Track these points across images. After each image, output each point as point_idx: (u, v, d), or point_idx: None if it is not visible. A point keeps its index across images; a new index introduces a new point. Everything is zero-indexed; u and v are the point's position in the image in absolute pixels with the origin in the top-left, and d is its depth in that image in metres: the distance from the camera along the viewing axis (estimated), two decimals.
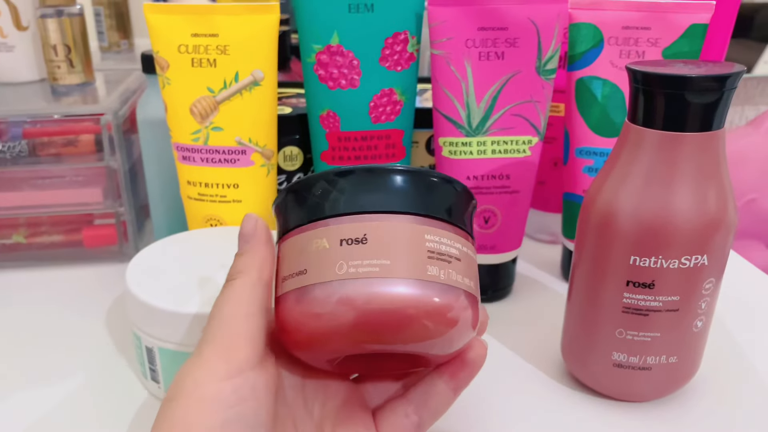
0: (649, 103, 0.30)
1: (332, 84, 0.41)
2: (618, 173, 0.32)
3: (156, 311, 0.32)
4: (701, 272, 0.31)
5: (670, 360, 0.33)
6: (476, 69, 0.40)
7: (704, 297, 0.32)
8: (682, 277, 0.31)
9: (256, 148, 0.41)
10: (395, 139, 0.44)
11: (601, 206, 0.32)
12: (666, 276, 0.31)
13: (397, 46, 0.41)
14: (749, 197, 0.82)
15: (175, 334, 0.32)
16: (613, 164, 0.32)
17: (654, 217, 0.31)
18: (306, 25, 0.40)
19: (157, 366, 0.33)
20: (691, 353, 0.34)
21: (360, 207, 0.24)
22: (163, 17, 0.40)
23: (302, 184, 0.26)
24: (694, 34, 0.41)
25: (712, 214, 0.30)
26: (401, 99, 0.43)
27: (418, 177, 0.25)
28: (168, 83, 0.41)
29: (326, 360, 0.26)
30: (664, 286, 0.32)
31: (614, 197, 0.32)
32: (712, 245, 0.31)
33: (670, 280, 0.31)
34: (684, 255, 0.31)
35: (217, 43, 0.39)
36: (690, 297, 0.32)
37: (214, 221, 0.42)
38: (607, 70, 0.42)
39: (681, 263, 0.31)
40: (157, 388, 0.34)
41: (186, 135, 0.41)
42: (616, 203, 0.31)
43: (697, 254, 0.31)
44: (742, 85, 0.99)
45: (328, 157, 0.43)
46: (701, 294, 0.32)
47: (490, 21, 0.40)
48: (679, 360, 0.34)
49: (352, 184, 0.25)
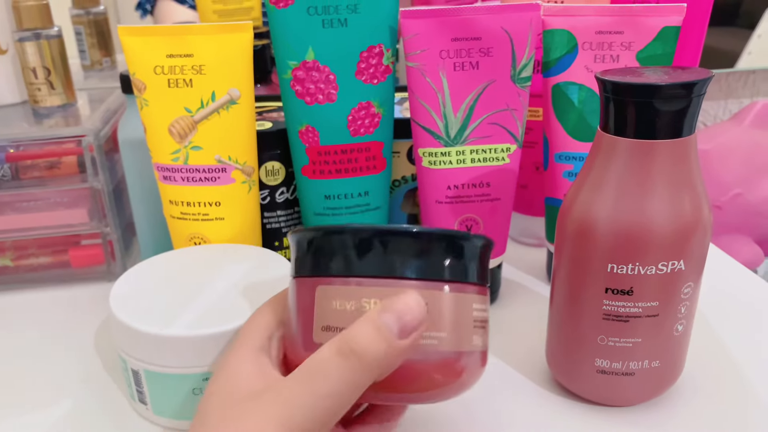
0: (619, 112, 0.31)
1: (309, 99, 0.42)
2: (592, 181, 0.32)
3: (140, 335, 0.32)
4: (679, 277, 0.32)
5: (653, 365, 0.34)
6: (451, 79, 0.41)
7: (683, 301, 0.32)
8: (660, 283, 0.32)
9: (236, 165, 0.41)
10: (375, 151, 0.44)
11: (577, 215, 0.32)
12: (644, 282, 0.32)
13: (373, 60, 0.41)
14: (734, 192, 0.82)
15: (161, 357, 0.32)
16: (587, 172, 0.33)
17: (629, 225, 0.31)
18: (281, 41, 0.41)
19: (144, 388, 0.33)
20: (674, 357, 0.34)
21: (418, 272, 0.24)
22: (137, 39, 0.40)
23: (350, 232, 0.25)
24: (666, 37, 0.41)
25: (686, 219, 0.31)
26: (379, 111, 0.43)
27: (464, 241, 0.26)
28: (146, 104, 0.41)
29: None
30: (643, 292, 0.32)
31: (589, 206, 0.32)
32: (689, 250, 0.31)
33: (648, 287, 0.32)
34: (661, 261, 0.31)
35: (192, 63, 0.39)
36: (669, 302, 0.32)
37: (198, 239, 0.43)
38: (583, 75, 0.43)
39: (658, 269, 0.31)
40: (145, 410, 0.34)
41: (166, 155, 0.41)
42: (591, 212, 0.32)
43: (673, 260, 0.31)
44: (725, 78, 0.99)
45: (309, 171, 0.43)
46: (680, 298, 0.32)
47: (463, 32, 0.40)
48: (661, 364, 0.34)
49: (405, 245, 0.24)
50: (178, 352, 0.32)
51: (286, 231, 0.48)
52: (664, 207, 0.30)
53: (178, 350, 0.32)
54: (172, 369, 0.32)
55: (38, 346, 0.43)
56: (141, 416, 0.35)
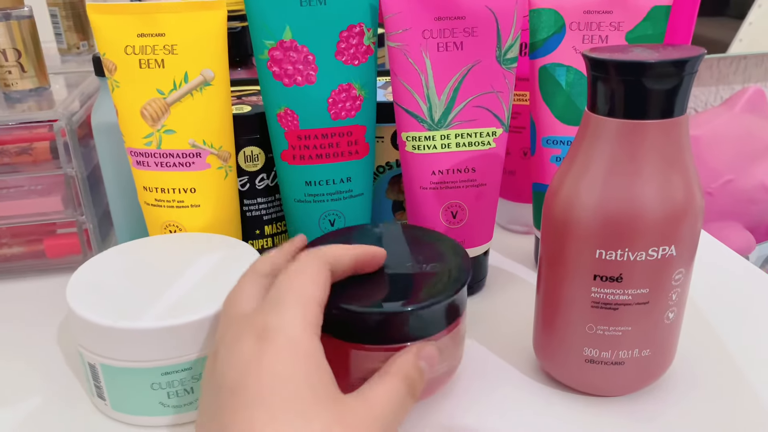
0: (607, 92, 0.29)
1: (288, 81, 0.40)
2: (579, 165, 0.31)
3: (94, 327, 0.31)
4: (670, 263, 0.31)
5: (643, 353, 0.33)
6: (435, 60, 0.39)
7: (674, 288, 0.31)
8: (651, 270, 0.30)
9: (212, 150, 0.40)
10: (357, 136, 0.42)
11: (564, 199, 0.31)
12: (634, 269, 0.30)
13: (353, 40, 0.40)
14: (726, 178, 0.81)
15: (116, 350, 0.31)
16: (574, 155, 0.31)
17: (618, 209, 0.30)
18: (257, 20, 0.39)
19: (101, 382, 0.32)
20: (664, 346, 0.33)
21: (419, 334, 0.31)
22: (107, 17, 0.38)
23: (375, 318, 0.31)
24: (656, 17, 0.40)
25: (678, 203, 0.30)
26: (361, 94, 0.41)
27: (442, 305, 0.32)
28: (117, 86, 0.39)
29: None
30: (633, 279, 0.31)
31: (576, 190, 0.31)
32: (680, 235, 0.30)
33: (638, 273, 0.30)
34: (651, 246, 0.30)
35: (164, 43, 0.38)
36: (660, 289, 0.31)
37: (173, 227, 0.41)
38: (571, 57, 0.41)
39: (648, 255, 0.30)
40: (104, 405, 0.33)
41: (138, 139, 0.40)
42: (578, 196, 0.30)
43: (664, 245, 0.30)
44: (716, 64, 0.98)
45: (289, 156, 0.42)
46: (671, 285, 0.31)
47: (446, 10, 0.38)
48: (652, 353, 0.33)
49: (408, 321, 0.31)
50: (134, 346, 0.31)
51: (267, 219, 0.47)
52: (654, 190, 0.29)
53: (133, 343, 0.30)
54: (129, 363, 0.31)
55: (8, 337, 0.41)
56: (100, 412, 0.34)
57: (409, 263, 0.34)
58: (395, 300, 0.31)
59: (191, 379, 0.32)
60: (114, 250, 0.37)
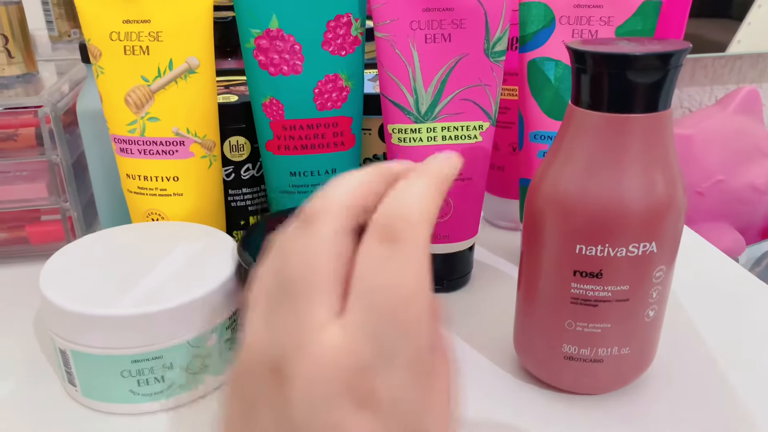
0: (590, 84, 0.29)
1: (273, 70, 0.40)
2: (563, 158, 0.30)
3: (64, 313, 0.30)
4: (651, 260, 0.30)
5: (623, 351, 0.32)
6: (422, 52, 0.39)
7: (655, 286, 0.31)
8: (631, 266, 0.30)
9: (195, 138, 0.39)
10: (343, 127, 0.42)
11: (546, 193, 0.31)
12: (614, 265, 0.30)
13: (340, 30, 0.40)
14: (717, 178, 0.81)
15: (86, 337, 0.31)
16: (557, 149, 0.31)
17: (598, 204, 0.29)
18: (243, 8, 0.39)
19: (72, 369, 0.32)
20: (645, 344, 0.33)
21: None
22: (93, 3, 0.38)
23: None
24: (647, 12, 0.40)
25: (659, 199, 0.29)
26: (347, 85, 0.41)
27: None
28: (102, 72, 0.39)
29: None
30: (613, 275, 0.30)
31: (558, 184, 0.30)
32: (661, 232, 0.30)
33: (618, 269, 0.30)
34: (632, 242, 0.30)
35: (149, 30, 0.37)
36: (640, 286, 0.31)
37: (156, 215, 0.41)
38: (560, 51, 0.41)
39: (629, 251, 0.30)
40: (74, 391, 0.33)
41: (122, 126, 0.39)
42: (560, 190, 0.30)
43: (645, 242, 0.30)
44: (711, 64, 0.98)
45: (274, 146, 0.42)
46: (652, 283, 0.31)
47: (435, 2, 0.38)
48: (632, 351, 0.32)
49: None
50: (103, 333, 0.30)
51: (253, 209, 0.46)
52: (636, 185, 0.29)
53: (102, 331, 0.30)
54: (98, 350, 0.30)
55: None
56: (71, 398, 0.34)
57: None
58: None
59: (162, 367, 0.31)
60: (91, 236, 0.37)
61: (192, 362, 0.32)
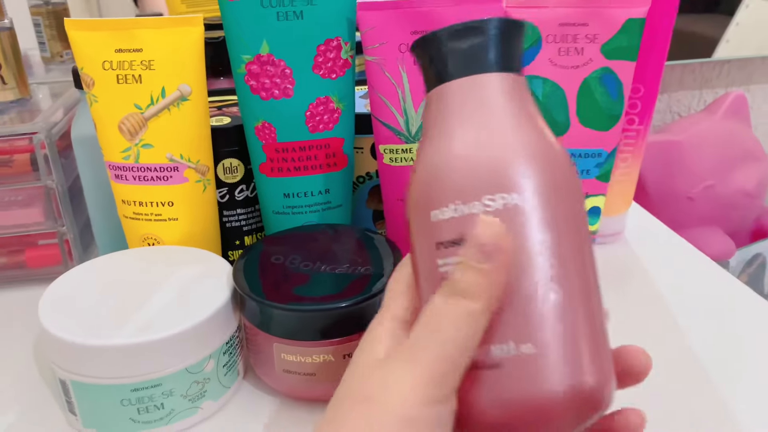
0: (422, 69, 0.28)
1: (265, 94, 0.40)
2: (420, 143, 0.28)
3: (63, 344, 0.31)
4: (521, 218, 0.24)
5: (524, 349, 0.23)
6: (412, 74, 0.39)
7: (544, 255, 0.24)
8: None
9: (189, 164, 0.40)
10: (335, 148, 0.43)
11: (412, 176, 0.28)
12: (473, 225, 0.24)
13: (330, 53, 0.40)
14: (706, 183, 0.82)
15: (86, 367, 0.31)
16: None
17: (439, 161, 0.26)
18: (234, 35, 0.39)
19: (72, 398, 0.32)
20: (556, 342, 0.23)
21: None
22: (85, 33, 0.38)
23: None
24: (631, 29, 0.40)
25: (502, 145, 0.25)
26: (339, 107, 0.42)
27: None
28: (95, 101, 0.39)
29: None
30: None
31: (417, 164, 0.27)
32: (523, 182, 0.24)
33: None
34: (485, 194, 0.24)
35: (141, 59, 0.38)
36: (517, 253, 0.24)
37: (152, 240, 0.41)
38: (547, 69, 0.42)
39: (485, 204, 0.24)
40: (75, 421, 0.33)
41: (116, 153, 0.40)
42: (415, 164, 0.27)
43: (502, 192, 0.24)
44: (699, 68, 0.98)
45: (267, 168, 0.42)
46: (536, 249, 0.24)
47: (423, 24, 0.39)
48: (539, 352, 0.23)
49: None
50: (103, 363, 0.31)
51: (247, 229, 0.47)
52: (475, 136, 0.25)
53: (102, 361, 0.31)
54: (98, 380, 0.31)
55: None
56: (72, 427, 0.34)
57: (347, 265, 0.36)
58: (314, 299, 0.33)
59: (161, 395, 0.32)
60: (87, 264, 0.38)
61: (191, 388, 0.33)
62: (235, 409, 0.36)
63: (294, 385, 0.34)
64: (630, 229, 0.55)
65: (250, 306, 0.34)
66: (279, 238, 0.40)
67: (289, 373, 0.34)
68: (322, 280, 0.35)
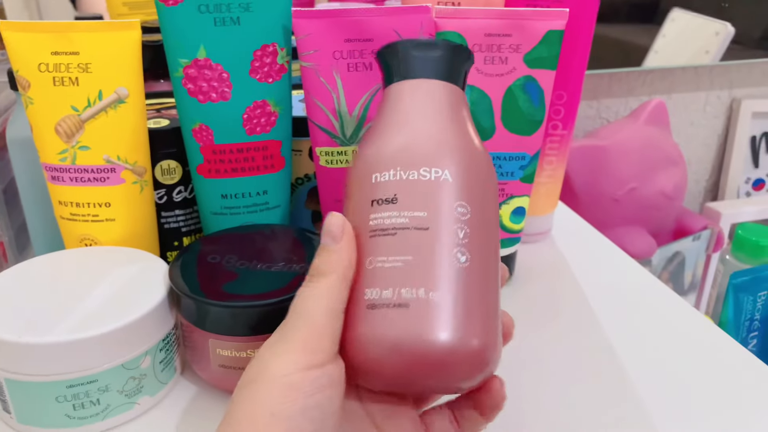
0: (383, 66, 0.34)
1: (202, 98, 0.41)
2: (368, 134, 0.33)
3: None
4: (446, 189, 0.29)
5: (431, 296, 0.26)
6: (346, 80, 0.41)
7: (460, 223, 0.28)
8: (426, 192, 0.29)
9: (126, 165, 0.40)
10: (273, 150, 0.44)
11: (359, 150, 0.33)
12: (408, 188, 0.29)
13: (267, 58, 0.41)
14: (630, 186, 0.86)
15: (19, 365, 0.32)
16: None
17: (388, 136, 0.31)
18: (171, 39, 0.40)
19: (6, 396, 0.33)
20: (460, 295, 0.27)
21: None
22: (21, 35, 0.39)
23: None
24: (551, 40, 0.43)
25: (440, 131, 0.30)
26: (276, 110, 0.43)
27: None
28: (31, 103, 0.40)
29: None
30: (408, 200, 0.28)
31: (365, 137, 0.32)
32: (451, 162, 0.29)
33: (413, 194, 0.28)
34: (422, 166, 0.29)
35: (78, 61, 0.39)
36: (439, 215, 0.28)
37: (89, 241, 0.42)
38: (474, 77, 0.44)
39: (421, 174, 0.29)
40: (9, 418, 0.34)
41: (53, 155, 0.40)
42: (364, 140, 0.32)
43: (436, 167, 0.29)
44: (626, 77, 1.04)
45: (204, 170, 0.43)
46: (454, 217, 0.28)
47: (355, 33, 0.40)
48: (442, 299, 0.26)
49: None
50: (37, 361, 0.31)
51: (186, 230, 0.48)
52: (420, 123, 0.31)
53: (36, 358, 0.31)
54: (32, 377, 0.31)
55: None
56: (6, 425, 0.34)
57: (282, 263, 0.38)
58: (247, 296, 0.35)
59: (97, 391, 0.33)
60: (25, 264, 0.38)
61: (127, 384, 0.34)
62: (172, 404, 0.37)
63: (230, 379, 0.35)
64: (557, 228, 0.58)
65: (185, 303, 0.35)
66: (216, 238, 0.41)
67: (225, 368, 0.35)
68: (256, 277, 0.36)
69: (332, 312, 0.26)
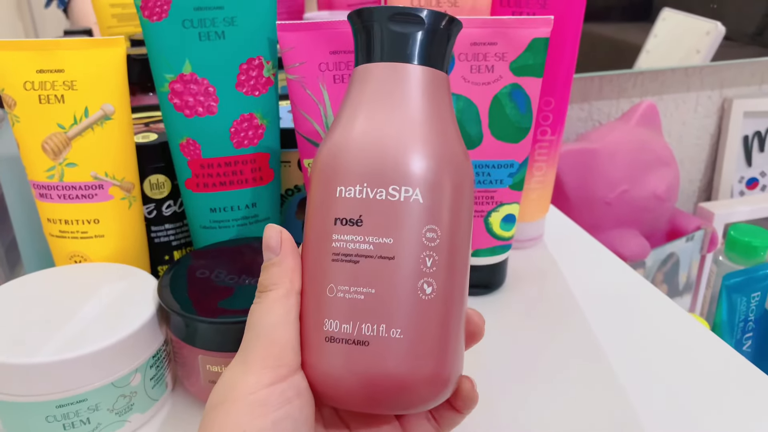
0: (358, 40, 0.29)
1: (189, 112, 0.41)
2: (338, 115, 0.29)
3: None
4: (417, 212, 0.26)
5: (393, 334, 0.25)
6: (332, 91, 0.41)
7: (428, 249, 0.26)
8: (393, 214, 0.26)
9: (114, 181, 0.40)
10: (261, 163, 0.44)
11: (321, 150, 0.29)
12: (374, 209, 0.26)
13: (253, 72, 0.42)
14: (621, 188, 0.86)
15: (10, 386, 0.31)
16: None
17: (359, 142, 0.27)
18: (156, 55, 0.40)
19: None
20: (424, 334, 0.26)
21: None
22: (5, 54, 0.39)
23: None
24: (536, 48, 0.43)
25: (414, 142, 0.27)
26: (263, 123, 0.43)
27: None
28: (17, 121, 0.40)
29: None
30: (374, 223, 0.26)
31: (330, 136, 0.28)
32: (424, 181, 0.26)
33: (379, 216, 0.26)
34: (391, 184, 0.26)
35: (63, 79, 0.39)
36: (406, 242, 0.26)
37: (79, 258, 0.42)
38: (460, 86, 0.44)
39: (389, 194, 0.26)
40: None
41: (40, 172, 0.40)
42: (327, 139, 0.28)
43: (406, 186, 0.26)
44: (617, 79, 1.04)
45: (193, 184, 0.43)
46: (422, 243, 0.26)
47: (341, 44, 0.40)
48: (405, 337, 0.25)
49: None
50: (27, 381, 0.31)
51: (176, 244, 0.48)
52: (388, 123, 0.27)
53: (25, 379, 0.31)
54: (21, 398, 0.31)
55: None
56: None
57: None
58: (236, 311, 0.35)
59: (87, 410, 0.32)
60: (15, 282, 0.38)
61: (117, 402, 0.34)
62: (164, 421, 0.37)
63: None
64: (549, 232, 0.58)
65: (174, 320, 0.35)
66: (205, 253, 0.41)
67: (215, 384, 0.35)
68: (245, 292, 0.36)
69: (285, 324, 0.26)
